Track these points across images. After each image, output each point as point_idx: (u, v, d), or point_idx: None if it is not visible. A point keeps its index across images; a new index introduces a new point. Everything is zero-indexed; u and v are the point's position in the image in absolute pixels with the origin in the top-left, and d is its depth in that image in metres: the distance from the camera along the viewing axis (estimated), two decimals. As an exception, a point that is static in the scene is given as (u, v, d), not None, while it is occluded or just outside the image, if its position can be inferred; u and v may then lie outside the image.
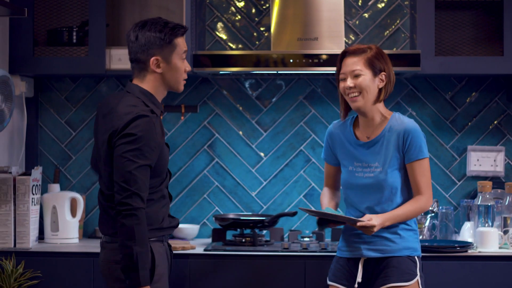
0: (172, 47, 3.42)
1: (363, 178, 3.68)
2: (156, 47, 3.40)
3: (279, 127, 4.80)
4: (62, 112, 4.84)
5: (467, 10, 4.67)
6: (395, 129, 3.67)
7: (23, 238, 4.30)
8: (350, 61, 3.65)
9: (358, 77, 3.62)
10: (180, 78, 3.47)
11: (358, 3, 4.80)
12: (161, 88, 3.46)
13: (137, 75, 3.46)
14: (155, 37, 3.39)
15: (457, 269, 4.09)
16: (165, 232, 3.45)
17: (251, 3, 4.83)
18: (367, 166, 3.68)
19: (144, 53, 3.40)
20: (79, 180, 4.83)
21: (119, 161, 3.25)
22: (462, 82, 4.75)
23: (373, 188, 3.67)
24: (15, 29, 4.48)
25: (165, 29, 3.41)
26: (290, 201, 4.79)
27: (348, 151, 3.73)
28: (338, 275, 3.74)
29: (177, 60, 3.44)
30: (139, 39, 3.40)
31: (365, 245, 3.69)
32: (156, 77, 3.44)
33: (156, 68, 3.41)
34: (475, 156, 4.74)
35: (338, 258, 3.78)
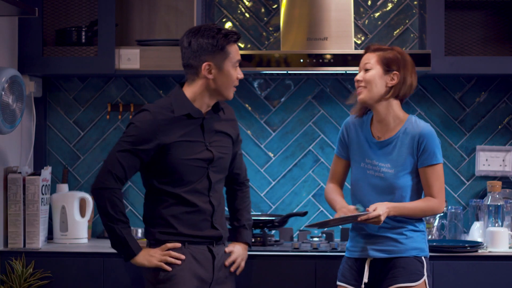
0: (224, 54, 3.46)
1: (374, 177, 3.68)
2: (208, 53, 3.44)
3: (288, 127, 4.80)
4: (70, 112, 4.83)
5: (476, 10, 4.67)
6: (410, 132, 3.67)
7: (33, 238, 4.30)
8: (366, 56, 3.70)
9: (368, 71, 3.66)
10: (231, 85, 3.52)
11: (367, 3, 4.80)
12: (207, 94, 3.51)
13: (188, 79, 3.53)
14: (207, 43, 3.43)
15: (468, 269, 4.09)
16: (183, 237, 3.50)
17: (260, 2, 4.83)
18: (376, 165, 3.68)
19: (196, 58, 3.45)
20: (87, 180, 4.82)
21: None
22: (471, 82, 4.75)
23: (383, 188, 3.67)
24: (24, 29, 4.48)
25: (218, 35, 3.44)
26: (299, 201, 4.78)
27: (361, 146, 3.73)
28: (346, 275, 3.75)
29: (229, 67, 3.48)
30: (191, 44, 3.46)
31: (372, 246, 3.70)
32: (205, 82, 3.49)
33: (207, 73, 3.46)
34: (484, 156, 4.73)
35: (346, 259, 3.79)
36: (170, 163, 3.47)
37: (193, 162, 3.47)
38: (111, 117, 4.81)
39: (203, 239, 3.54)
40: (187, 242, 3.51)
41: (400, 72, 3.64)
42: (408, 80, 3.66)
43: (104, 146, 4.82)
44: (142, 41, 4.56)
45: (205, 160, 3.49)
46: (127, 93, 4.82)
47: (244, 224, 3.79)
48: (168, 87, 4.80)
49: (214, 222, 3.56)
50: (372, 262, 3.70)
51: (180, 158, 3.46)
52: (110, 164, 3.48)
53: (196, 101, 3.52)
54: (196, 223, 3.51)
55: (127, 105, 4.80)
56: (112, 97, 4.82)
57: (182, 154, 3.46)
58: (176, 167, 3.46)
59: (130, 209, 4.80)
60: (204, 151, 3.51)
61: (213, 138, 3.56)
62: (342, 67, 4.32)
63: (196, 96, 3.52)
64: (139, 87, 4.81)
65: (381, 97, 3.65)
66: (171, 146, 3.45)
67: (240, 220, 3.79)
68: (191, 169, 3.45)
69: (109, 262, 4.16)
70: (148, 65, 4.48)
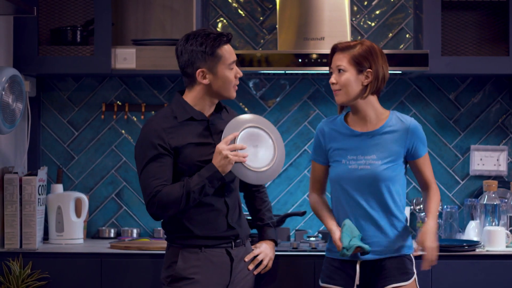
0: (216, 58, 3.46)
1: (358, 170, 3.65)
2: (199, 60, 3.46)
3: (283, 126, 4.80)
4: (64, 112, 4.80)
5: (472, 11, 4.70)
6: (398, 124, 3.68)
7: (30, 239, 4.27)
8: (336, 57, 3.67)
9: (341, 73, 3.64)
10: (229, 86, 3.52)
11: (362, 3, 4.81)
12: (207, 97, 3.54)
13: (187, 86, 3.56)
14: (197, 50, 3.45)
15: (466, 268, 4.11)
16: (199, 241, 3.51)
17: (255, 2, 4.83)
18: (362, 158, 3.66)
19: (190, 66, 3.49)
20: (81, 181, 4.80)
21: None
22: (466, 82, 4.78)
23: (369, 180, 3.64)
24: (19, 28, 4.45)
25: (207, 41, 3.45)
26: (294, 201, 4.79)
27: (342, 143, 3.70)
28: (333, 276, 3.71)
29: (223, 70, 3.49)
30: (183, 54, 3.49)
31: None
32: (203, 87, 3.52)
33: (202, 79, 3.48)
34: (478, 156, 4.76)
35: (331, 260, 3.74)
36: (182, 166, 3.47)
37: (205, 164, 3.47)
38: (105, 117, 4.79)
39: (220, 240, 3.53)
40: (203, 246, 3.51)
41: (373, 68, 3.62)
42: (381, 73, 3.64)
43: (98, 146, 4.79)
44: (138, 41, 4.54)
45: None
46: (121, 93, 4.80)
47: (268, 223, 3.80)
48: (163, 86, 4.79)
49: (230, 221, 3.55)
50: (362, 263, 3.69)
51: (192, 160, 3.47)
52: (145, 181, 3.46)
53: (198, 105, 3.54)
54: (212, 223, 3.51)
55: (122, 105, 4.77)
56: (107, 97, 4.80)
57: (194, 157, 3.47)
58: (188, 170, 3.47)
59: (125, 210, 4.78)
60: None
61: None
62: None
63: (197, 101, 3.54)
64: (133, 86, 4.80)
65: (358, 96, 3.66)
66: (181, 150, 3.47)
67: (263, 219, 3.80)
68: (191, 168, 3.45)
69: (107, 263, 4.14)
70: (144, 65, 4.47)
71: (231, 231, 3.57)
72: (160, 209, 3.44)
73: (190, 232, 3.51)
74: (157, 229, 4.71)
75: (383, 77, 3.66)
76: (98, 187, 4.79)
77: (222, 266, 3.55)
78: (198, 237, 3.52)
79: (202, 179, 3.41)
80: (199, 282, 3.50)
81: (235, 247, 3.59)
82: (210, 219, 3.53)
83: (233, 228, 3.57)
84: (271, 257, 3.78)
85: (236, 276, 3.60)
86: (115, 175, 4.79)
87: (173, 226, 3.55)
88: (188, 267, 3.51)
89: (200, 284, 3.51)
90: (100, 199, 4.79)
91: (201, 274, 3.51)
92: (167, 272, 3.55)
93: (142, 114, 4.76)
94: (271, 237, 3.82)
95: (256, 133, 3.50)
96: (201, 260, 3.52)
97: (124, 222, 4.79)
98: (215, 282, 3.54)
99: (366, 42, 3.66)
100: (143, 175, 3.46)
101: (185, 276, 3.51)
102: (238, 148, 3.42)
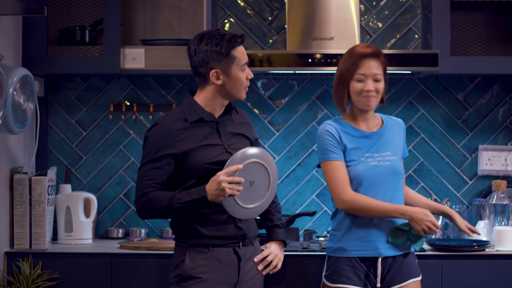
0: (230, 59, 3.47)
1: (379, 167, 3.71)
2: (214, 60, 3.46)
3: (292, 126, 4.80)
4: (72, 112, 4.80)
5: (480, 11, 4.70)
6: (394, 123, 3.84)
7: (39, 239, 4.26)
8: (373, 64, 3.70)
9: (378, 82, 3.71)
10: (241, 88, 3.54)
11: (370, 3, 4.81)
12: (219, 98, 3.54)
13: (199, 86, 3.56)
14: (211, 51, 3.45)
15: (476, 268, 4.11)
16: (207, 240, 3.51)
17: (264, 2, 4.82)
18: (378, 156, 3.71)
19: (203, 66, 3.48)
20: (89, 181, 4.79)
21: None
22: (474, 82, 4.78)
23: (390, 175, 3.72)
24: (28, 28, 4.44)
25: (222, 42, 3.46)
26: (302, 201, 4.79)
27: (354, 143, 3.73)
28: (351, 276, 3.72)
29: (236, 71, 3.49)
30: (197, 53, 3.48)
31: (382, 244, 3.71)
32: (216, 88, 3.52)
33: (215, 80, 3.49)
34: (487, 156, 4.77)
35: (345, 259, 3.74)
36: (191, 169, 3.47)
37: (214, 165, 3.47)
38: (113, 117, 4.79)
39: (228, 240, 3.53)
40: (211, 245, 3.51)
41: (386, 75, 3.76)
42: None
43: (106, 146, 4.79)
44: (147, 41, 4.54)
45: (225, 163, 3.48)
46: (129, 92, 4.79)
47: (277, 223, 3.79)
48: (171, 86, 4.78)
49: (238, 222, 3.55)
50: (382, 260, 3.72)
51: (201, 162, 3.47)
52: (139, 179, 3.50)
53: (208, 106, 3.55)
54: (220, 224, 3.51)
55: (130, 105, 4.77)
56: (115, 97, 4.80)
57: (202, 159, 3.47)
58: (197, 172, 3.47)
59: (133, 210, 4.78)
60: (223, 153, 3.52)
61: (231, 141, 3.57)
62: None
63: (207, 101, 3.55)
64: (142, 86, 4.79)
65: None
66: (190, 152, 3.47)
67: (272, 220, 3.79)
68: (212, 172, 3.44)
69: (116, 263, 4.14)
70: (153, 65, 4.46)
71: (238, 231, 3.57)
72: (143, 210, 3.48)
73: (198, 231, 3.51)
74: (166, 229, 4.71)
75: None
76: (106, 187, 4.79)
77: (229, 265, 3.55)
78: (206, 236, 3.52)
79: (188, 200, 3.42)
80: (206, 281, 3.50)
81: (243, 247, 3.59)
82: (218, 219, 3.53)
83: (240, 228, 3.57)
84: (280, 258, 3.78)
85: (245, 275, 3.60)
86: (123, 175, 4.79)
87: (180, 225, 3.55)
88: (195, 266, 3.51)
89: (208, 283, 3.51)
90: (108, 199, 4.79)
91: (209, 273, 3.51)
92: (175, 271, 3.56)
93: (151, 114, 4.76)
94: (280, 238, 3.82)
95: (257, 169, 3.47)
96: (208, 260, 3.52)
97: (132, 222, 4.79)
98: (223, 281, 3.54)
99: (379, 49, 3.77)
100: (140, 172, 3.50)
101: (192, 275, 3.51)
102: (236, 181, 3.38)
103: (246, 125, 3.69)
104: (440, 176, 4.77)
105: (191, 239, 3.52)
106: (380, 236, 3.72)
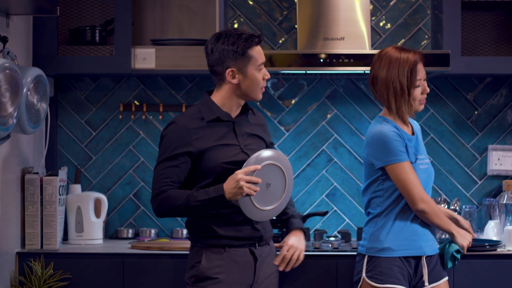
0: (246, 58, 3.47)
1: (425, 171, 3.77)
2: (230, 59, 3.46)
3: (301, 126, 4.80)
4: (82, 112, 4.79)
5: (490, 11, 4.71)
6: (417, 126, 3.89)
7: (50, 239, 4.26)
8: (421, 66, 3.77)
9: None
10: (257, 88, 3.53)
11: (380, 3, 4.81)
12: (234, 97, 3.54)
13: (216, 85, 3.57)
14: (228, 49, 3.45)
15: (488, 268, 4.12)
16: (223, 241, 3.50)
17: (273, 2, 4.82)
18: (421, 158, 3.77)
19: (220, 65, 3.48)
20: (99, 181, 4.78)
21: None
22: (483, 82, 4.79)
23: (431, 177, 3.82)
24: (38, 28, 4.43)
25: (239, 41, 3.45)
26: (312, 201, 4.79)
27: (410, 146, 3.76)
28: (398, 276, 3.72)
29: (253, 71, 3.49)
30: (214, 52, 3.48)
31: (425, 243, 3.75)
32: (232, 87, 3.52)
33: (231, 79, 3.49)
34: (496, 156, 4.77)
35: (392, 259, 3.72)
36: (207, 168, 3.47)
37: (230, 165, 3.47)
38: (123, 117, 4.78)
39: (244, 241, 3.53)
40: (227, 246, 3.50)
41: None
42: None
43: (116, 146, 4.78)
44: (157, 41, 4.54)
45: (241, 162, 3.48)
46: (139, 93, 4.79)
47: (293, 215, 3.74)
48: (181, 87, 4.78)
49: (255, 222, 3.55)
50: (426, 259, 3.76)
51: (217, 162, 3.46)
52: (155, 177, 3.49)
53: (225, 106, 3.54)
54: (236, 224, 3.50)
55: (140, 105, 4.77)
56: (124, 97, 4.79)
57: (219, 158, 3.47)
58: (213, 171, 3.47)
59: (143, 210, 4.77)
60: (239, 153, 3.52)
61: (247, 141, 3.57)
62: (360, 67, 4.33)
63: (224, 101, 3.54)
64: (151, 86, 4.79)
65: None
66: (207, 151, 3.47)
67: (286, 213, 3.74)
68: (228, 172, 3.44)
69: (128, 263, 4.13)
70: (163, 65, 4.46)
71: (255, 233, 3.56)
72: (160, 208, 3.47)
73: (214, 232, 3.51)
74: (176, 229, 4.70)
75: None
76: (116, 188, 4.78)
77: (246, 265, 3.55)
78: (222, 237, 3.51)
79: (206, 198, 3.41)
80: (223, 282, 3.50)
81: (259, 247, 3.59)
82: (234, 220, 3.52)
83: (257, 229, 3.57)
84: (302, 248, 3.66)
85: (260, 275, 3.59)
86: (133, 175, 4.78)
87: (197, 226, 3.55)
88: (212, 266, 3.50)
89: (224, 284, 3.50)
90: (118, 200, 4.79)
91: (225, 273, 3.51)
92: (191, 272, 3.55)
93: (160, 114, 4.75)
94: (298, 226, 3.72)
95: (274, 171, 3.47)
96: (225, 260, 3.51)
97: (142, 223, 4.78)
98: (239, 281, 3.53)
99: None
100: (156, 170, 3.49)
101: (209, 276, 3.50)
102: (253, 181, 3.38)
103: (262, 127, 3.69)
104: (450, 176, 4.78)
105: (207, 240, 3.51)
106: (423, 235, 3.75)
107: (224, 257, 3.50)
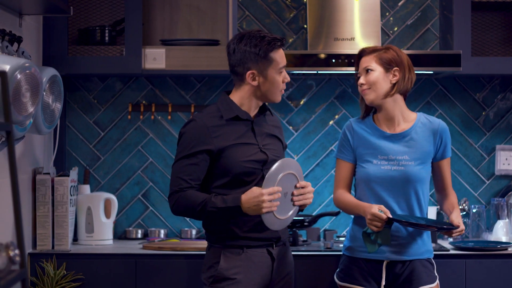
0: (268, 61, 3.46)
1: (391, 171, 3.68)
2: (251, 61, 3.46)
3: (310, 127, 4.80)
4: (90, 112, 4.78)
5: (499, 11, 4.73)
6: (427, 125, 3.74)
7: (62, 240, 4.25)
8: (364, 59, 3.74)
9: (370, 73, 3.70)
10: (276, 90, 3.53)
11: (388, 3, 4.82)
12: (253, 98, 3.54)
13: (235, 84, 3.57)
14: (250, 52, 3.45)
15: (499, 267, 4.14)
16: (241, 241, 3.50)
17: (282, 2, 4.82)
18: (393, 159, 3.69)
19: (241, 66, 3.48)
20: (107, 181, 4.77)
21: None
22: (491, 82, 4.81)
23: (402, 181, 3.67)
24: (48, 28, 4.42)
25: (261, 43, 3.45)
26: (321, 201, 4.79)
27: (371, 144, 3.72)
28: (355, 275, 3.72)
29: (273, 74, 3.48)
30: (235, 53, 3.48)
31: (389, 247, 3.68)
32: (251, 88, 3.52)
33: (252, 81, 3.48)
34: (504, 155, 4.79)
35: (352, 259, 3.74)
36: (226, 166, 3.46)
37: (249, 164, 3.47)
38: (132, 117, 4.77)
39: (262, 241, 3.53)
40: (245, 246, 3.50)
41: (400, 67, 3.69)
42: (407, 74, 3.72)
43: (124, 146, 4.78)
44: (167, 41, 4.53)
45: (260, 162, 3.48)
46: (148, 93, 4.78)
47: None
48: (189, 87, 4.78)
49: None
50: (388, 264, 3.70)
51: (236, 160, 3.46)
52: (174, 174, 3.49)
53: (244, 105, 3.54)
54: (254, 225, 3.50)
55: (149, 105, 4.76)
56: (133, 97, 4.78)
57: (238, 156, 3.46)
58: (232, 170, 3.46)
59: (152, 210, 4.77)
60: (258, 152, 3.51)
61: (265, 141, 3.57)
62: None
63: (243, 101, 3.54)
64: (160, 87, 4.78)
65: (387, 95, 3.69)
66: (226, 149, 3.46)
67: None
68: (247, 170, 3.44)
69: (141, 263, 4.13)
70: (173, 65, 4.46)
71: (273, 234, 3.56)
72: (176, 206, 3.47)
73: (233, 232, 3.51)
74: (184, 230, 4.70)
75: (410, 79, 3.70)
76: (124, 188, 4.77)
77: (263, 266, 3.54)
78: (241, 237, 3.51)
79: (223, 206, 3.41)
80: (241, 282, 3.49)
81: (276, 247, 3.59)
82: (253, 220, 3.52)
83: (275, 231, 3.57)
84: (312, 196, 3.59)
85: (277, 276, 3.60)
86: (142, 176, 4.78)
87: (215, 226, 3.54)
88: (230, 267, 3.50)
89: (242, 284, 3.49)
90: (127, 200, 4.78)
91: (243, 274, 3.50)
92: (209, 272, 3.54)
93: (169, 115, 4.75)
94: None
95: (289, 179, 3.45)
96: (243, 261, 3.51)
97: (151, 223, 4.77)
98: (257, 282, 3.53)
99: (393, 46, 3.75)
100: (175, 167, 3.49)
101: (227, 277, 3.49)
102: (275, 198, 3.37)
103: (278, 129, 3.70)
104: (458, 176, 4.79)
105: (225, 240, 3.51)
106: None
107: (242, 258, 3.50)
